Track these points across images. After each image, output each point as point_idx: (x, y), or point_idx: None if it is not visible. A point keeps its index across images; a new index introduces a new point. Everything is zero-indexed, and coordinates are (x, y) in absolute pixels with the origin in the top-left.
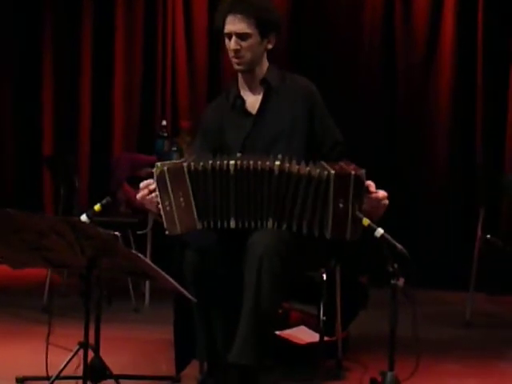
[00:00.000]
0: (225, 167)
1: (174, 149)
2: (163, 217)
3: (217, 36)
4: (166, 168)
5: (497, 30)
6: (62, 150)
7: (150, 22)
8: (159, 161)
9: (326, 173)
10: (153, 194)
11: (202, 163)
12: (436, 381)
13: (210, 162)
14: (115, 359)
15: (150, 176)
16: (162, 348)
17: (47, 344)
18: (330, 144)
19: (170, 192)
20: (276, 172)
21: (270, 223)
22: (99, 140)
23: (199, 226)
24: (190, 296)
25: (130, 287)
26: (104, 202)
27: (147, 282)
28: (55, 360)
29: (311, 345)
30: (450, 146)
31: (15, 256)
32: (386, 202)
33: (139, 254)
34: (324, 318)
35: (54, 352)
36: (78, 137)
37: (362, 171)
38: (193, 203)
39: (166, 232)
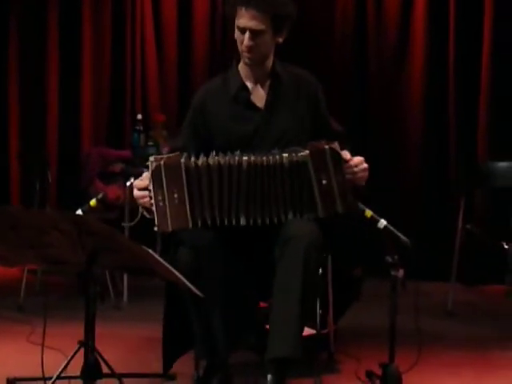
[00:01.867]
0: (236, 163)
1: (151, 143)
2: (155, 212)
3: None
4: (162, 163)
5: (468, 17)
6: (30, 146)
7: (119, 15)
8: (134, 155)
9: (300, 154)
10: (146, 192)
11: (204, 160)
12: (433, 372)
13: (216, 158)
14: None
15: (125, 171)
16: (149, 345)
17: (43, 344)
18: (332, 136)
19: (165, 187)
20: (265, 164)
21: (290, 215)
22: (67, 135)
23: (191, 224)
24: (196, 291)
25: (109, 284)
26: (100, 197)
27: (125, 279)
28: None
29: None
30: (423, 134)
31: (10, 253)
32: (365, 165)
33: (147, 249)
34: (320, 311)
35: (38, 351)
36: (45, 132)
37: (335, 143)
38: (187, 201)
39: (156, 228)
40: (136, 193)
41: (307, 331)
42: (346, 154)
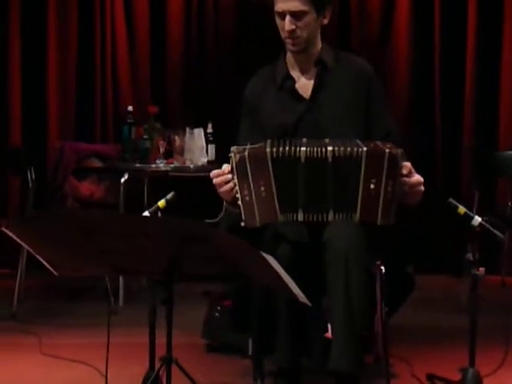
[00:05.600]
0: (297, 154)
1: (145, 137)
2: (241, 207)
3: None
4: (246, 153)
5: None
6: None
7: (87, 2)
8: (126, 149)
9: (357, 150)
10: (230, 184)
11: (281, 148)
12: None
13: (287, 148)
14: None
15: (103, 169)
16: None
17: (106, 361)
18: (381, 132)
19: (250, 180)
20: (330, 159)
21: (330, 215)
22: (33, 130)
23: (281, 218)
24: (304, 299)
25: (109, 287)
26: (169, 197)
27: (121, 282)
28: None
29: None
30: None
31: (70, 260)
32: (421, 188)
33: (263, 254)
34: (386, 308)
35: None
36: (7, 128)
37: (398, 150)
38: (275, 193)
39: (243, 224)
40: (219, 189)
41: None
42: (406, 167)
